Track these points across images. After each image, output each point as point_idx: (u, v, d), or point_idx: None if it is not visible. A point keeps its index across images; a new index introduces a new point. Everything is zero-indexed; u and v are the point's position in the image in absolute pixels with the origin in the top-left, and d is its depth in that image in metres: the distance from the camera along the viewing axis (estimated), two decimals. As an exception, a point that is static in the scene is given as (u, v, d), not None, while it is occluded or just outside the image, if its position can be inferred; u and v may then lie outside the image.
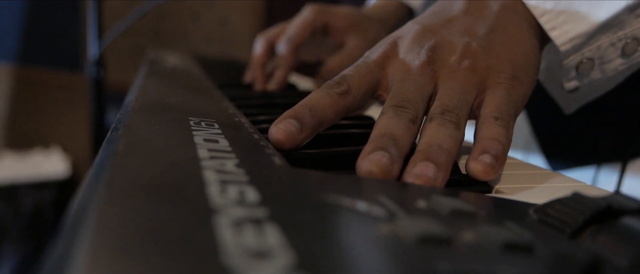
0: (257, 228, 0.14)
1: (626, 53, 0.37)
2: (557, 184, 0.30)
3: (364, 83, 0.32)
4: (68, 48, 2.17)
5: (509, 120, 0.30)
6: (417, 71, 0.32)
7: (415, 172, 0.25)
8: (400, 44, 0.34)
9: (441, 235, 0.16)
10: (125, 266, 0.12)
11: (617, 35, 0.36)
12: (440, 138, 0.27)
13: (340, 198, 0.19)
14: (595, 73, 0.38)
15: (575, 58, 0.36)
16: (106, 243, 0.13)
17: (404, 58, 0.33)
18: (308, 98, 0.31)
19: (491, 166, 0.27)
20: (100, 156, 0.21)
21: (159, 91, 0.39)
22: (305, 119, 0.29)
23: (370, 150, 0.26)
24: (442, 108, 0.29)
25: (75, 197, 0.17)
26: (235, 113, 0.35)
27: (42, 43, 2.19)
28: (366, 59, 0.34)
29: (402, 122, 0.28)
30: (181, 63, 0.69)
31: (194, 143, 0.24)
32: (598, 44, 0.36)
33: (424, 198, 0.21)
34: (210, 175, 0.19)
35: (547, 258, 0.15)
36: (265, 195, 0.17)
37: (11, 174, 1.88)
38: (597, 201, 0.19)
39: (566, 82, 0.38)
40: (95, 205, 0.15)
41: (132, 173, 0.18)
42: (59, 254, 0.13)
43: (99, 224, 0.14)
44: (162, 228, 0.14)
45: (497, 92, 0.32)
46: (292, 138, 0.29)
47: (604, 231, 0.18)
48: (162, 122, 0.28)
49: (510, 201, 0.24)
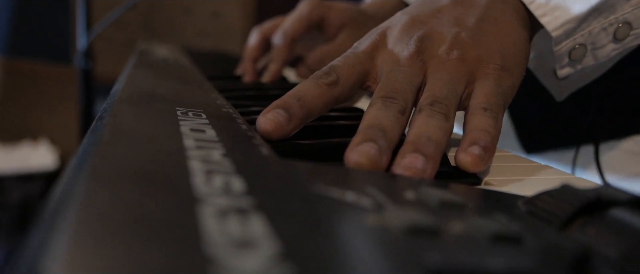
0: (242, 218, 0.14)
1: (618, 38, 0.37)
2: (546, 176, 0.30)
3: (352, 74, 0.32)
4: (58, 41, 2.16)
5: (498, 111, 0.30)
6: (406, 62, 0.32)
7: (404, 163, 0.25)
8: (389, 34, 0.34)
9: (429, 226, 0.16)
10: (107, 254, 0.12)
11: (609, 19, 0.36)
12: (429, 130, 0.27)
13: (328, 188, 0.19)
14: (588, 59, 0.38)
15: (567, 44, 0.36)
16: (88, 231, 0.13)
17: (393, 48, 0.33)
18: (296, 88, 0.31)
19: (480, 158, 0.27)
20: (85, 145, 0.21)
21: (146, 81, 0.39)
22: (294, 109, 0.29)
23: (359, 142, 0.26)
24: (431, 99, 0.29)
25: (57, 184, 0.17)
26: (223, 104, 0.34)
27: (32, 35, 2.17)
28: (355, 50, 0.34)
29: (391, 113, 0.28)
30: (171, 55, 0.68)
31: (181, 132, 0.23)
32: (589, 29, 0.36)
33: (412, 190, 0.20)
34: (196, 164, 0.19)
35: (536, 250, 0.15)
36: (251, 185, 0.17)
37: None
38: (586, 193, 0.19)
39: (559, 70, 0.38)
40: (79, 192, 0.15)
41: (117, 162, 0.18)
42: (40, 241, 0.13)
43: (81, 212, 0.14)
44: (146, 216, 0.14)
45: (487, 82, 0.31)
46: (280, 129, 0.28)
47: (593, 223, 0.18)
48: (148, 111, 0.27)
49: (499, 193, 0.24)
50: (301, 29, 0.58)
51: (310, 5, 0.59)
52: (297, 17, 0.58)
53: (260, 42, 0.61)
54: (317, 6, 0.59)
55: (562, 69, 0.38)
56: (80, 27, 1.06)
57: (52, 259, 0.11)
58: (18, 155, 2.01)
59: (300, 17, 0.58)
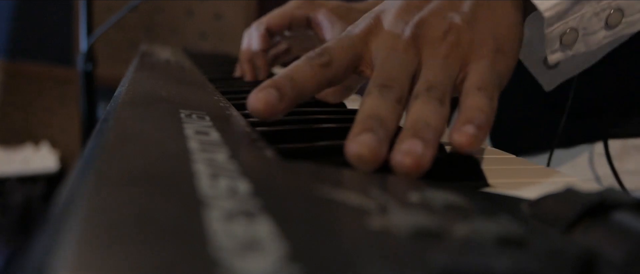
0: (248, 220, 0.14)
1: (610, 25, 0.37)
2: (550, 179, 0.30)
3: (346, 57, 0.32)
4: (60, 43, 2.16)
5: (493, 91, 0.30)
6: (402, 47, 0.32)
7: (403, 149, 0.25)
8: (383, 18, 0.34)
9: (434, 229, 0.16)
10: (114, 257, 0.12)
11: (601, 4, 0.36)
12: (427, 116, 0.27)
13: (333, 190, 0.19)
14: (579, 45, 0.38)
15: (558, 27, 0.36)
16: (95, 234, 0.13)
17: (388, 33, 0.33)
18: (289, 68, 0.31)
19: (474, 137, 0.27)
20: (89, 148, 0.21)
21: (149, 83, 0.39)
22: (286, 89, 0.29)
23: (358, 132, 0.26)
24: (427, 85, 0.29)
25: (63, 187, 0.17)
26: (226, 106, 0.34)
27: (34, 37, 2.17)
28: (349, 33, 0.34)
29: (388, 102, 0.28)
30: (173, 56, 0.68)
31: (185, 135, 0.23)
32: (582, 13, 0.36)
33: (416, 192, 0.20)
34: (201, 167, 0.19)
35: (540, 253, 0.15)
36: (256, 188, 0.17)
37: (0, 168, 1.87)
38: (590, 196, 0.19)
39: (550, 54, 0.38)
40: (84, 195, 0.15)
41: (122, 165, 0.18)
42: (47, 243, 0.13)
43: (88, 215, 0.14)
44: (152, 220, 0.14)
45: (481, 64, 0.31)
46: (271, 108, 0.28)
47: (596, 226, 0.18)
48: (152, 114, 0.27)
49: (503, 196, 0.24)
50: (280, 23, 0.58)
51: (296, 2, 0.59)
52: (279, 11, 0.59)
53: None
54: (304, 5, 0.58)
55: (552, 54, 0.38)
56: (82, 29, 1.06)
57: (59, 262, 0.11)
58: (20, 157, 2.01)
59: (282, 12, 0.58)
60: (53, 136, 2.20)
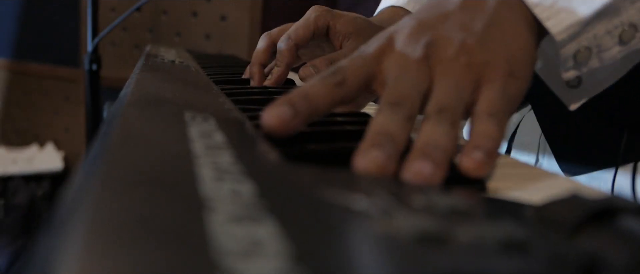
0: (251, 223, 0.14)
1: (624, 41, 0.37)
2: (555, 184, 0.30)
3: (359, 76, 0.32)
4: (65, 44, 2.16)
5: (502, 117, 0.30)
6: (414, 67, 0.32)
7: (413, 169, 0.25)
8: (396, 38, 0.34)
9: (438, 233, 0.16)
10: (118, 259, 0.12)
11: (613, 22, 0.36)
12: (437, 137, 0.27)
13: (337, 194, 0.19)
14: (594, 62, 0.38)
15: (572, 46, 0.36)
16: (98, 235, 0.13)
17: (400, 53, 0.33)
18: (303, 86, 0.31)
19: (483, 163, 0.27)
20: (94, 149, 0.21)
21: (154, 85, 0.39)
22: (299, 107, 0.29)
23: (367, 147, 0.26)
24: (438, 107, 0.29)
25: (67, 188, 0.17)
26: (231, 108, 0.34)
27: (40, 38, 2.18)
28: (362, 52, 0.34)
29: (399, 119, 0.28)
30: (178, 58, 0.68)
31: (189, 137, 0.23)
32: (594, 32, 0.36)
33: (420, 196, 0.20)
34: (205, 169, 0.19)
35: (544, 258, 0.15)
36: (260, 190, 0.17)
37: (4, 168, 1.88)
38: (595, 201, 0.19)
39: (564, 73, 0.38)
40: (88, 197, 0.15)
41: (126, 167, 0.18)
42: (51, 245, 0.13)
43: (91, 216, 0.14)
44: (156, 222, 0.14)
45: (493, 88, 0.31)
46: (284, 125, 0.28)
47: (601, 232, 0.18)
48: (157, 115, 0.27)
49: (508, 201, 0.24)
50: (306, 35, 0.58)
51: (317, 12, 0.58)
52: (303, 23, 0.58)
53: (268, 47, 0.61)
54: (324, 14, 0.58)
55: (567, 72, 0.38)
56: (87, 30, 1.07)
57: (62, 263, 0.11)
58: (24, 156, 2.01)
59: (306, 24, 0.58)
60: (58, 136, 2.21)
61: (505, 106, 0.31)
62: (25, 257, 0.13)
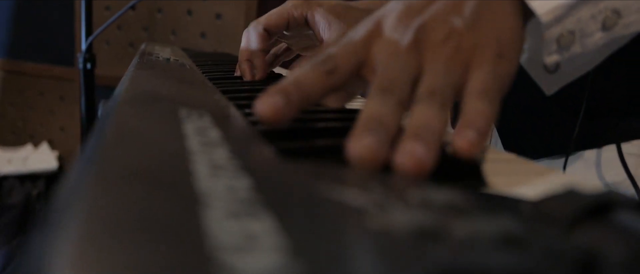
0: (247, 219, 0.14)
1: (606, 27, 0.37)
2: (551, 179, 0.30)
3: (349, 63, 0.33)
4: (60, 43, 2.16)
5: (493, 95, 0.30)
6: (403, 52, 0.32)
7: (405, 150, 0.25)
8: (384, 23, 0.34)
9: (434, 228, 0.16)
10: (113, 256, 0.12)
11: (598, 7, 0.37)
12: (428, 120, 0.27)
13: (333, 190, 0.19)
14: (576, 47, 0.38)
15: (556, 30, 0.37)
16: (94, 233, 0.13)
17: (389, 38, 0.33)
18: (294, 74, 0.31)
19: (475, 141, 0.27)
20: (89, 146, 0.21)
21: (149, 82, 0.39)
22: (292, 95, 0.29)
23: (359, 133, 0.26)
24: (428, 90, 0.30)
25: (61, 185, 0.17)
26: (226, 104, 0.34)
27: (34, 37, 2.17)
28: (351, 38, 0.34)
29: (389, 105, 0.29)
30: (173, 56, 0.68)
31: (185, 134, 0.23)
32: (579, 16, 0.37)
33: (416, 191, 0.20)
34: (200, 165, 0.19)
35: (541, 253, 0.15)
36: (255, 186, 0.17)
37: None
38: (591, 196, 0.19)
39: (547, 56, 0.38)
40: (83, 194, 0.15)
41: (121, 163, 0.18)
42: (45, 242, 0.13)
43: (86, 213, 0.13)
44: (151, 218, 0.14)
45: (483, 69, 0.32)
46: (278, 114, 0.29)
47: (598, 227, 0.18)
48: (152, 112, 0.27)
49: (504, 196, 0.24)
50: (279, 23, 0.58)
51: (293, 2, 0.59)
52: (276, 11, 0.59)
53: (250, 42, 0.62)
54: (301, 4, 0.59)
55: (549, 56, 0.38)
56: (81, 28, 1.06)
57: (57, 261, 0.11)
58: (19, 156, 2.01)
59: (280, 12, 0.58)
60: (53, 136, 2.20)
61: (496, 85, 0.31)
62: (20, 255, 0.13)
